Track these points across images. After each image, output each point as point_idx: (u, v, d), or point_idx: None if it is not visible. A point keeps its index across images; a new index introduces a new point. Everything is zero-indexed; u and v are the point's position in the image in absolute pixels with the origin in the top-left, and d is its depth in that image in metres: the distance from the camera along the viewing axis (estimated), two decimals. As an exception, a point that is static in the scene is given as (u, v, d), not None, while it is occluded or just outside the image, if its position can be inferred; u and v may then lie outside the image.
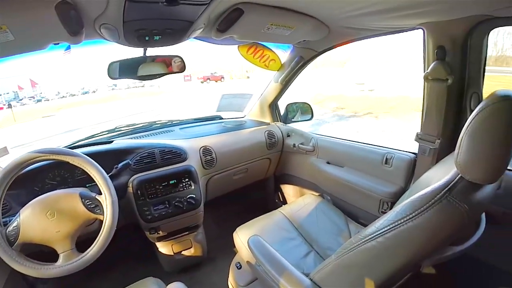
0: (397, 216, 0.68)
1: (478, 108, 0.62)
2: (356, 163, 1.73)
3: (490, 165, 0.63)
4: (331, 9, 1.15)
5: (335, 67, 21.85)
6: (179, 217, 1.58)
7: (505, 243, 1.22)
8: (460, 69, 1.17)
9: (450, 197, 0.64)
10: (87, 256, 1.00)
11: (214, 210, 1.97)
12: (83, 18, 0.97)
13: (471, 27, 1.08)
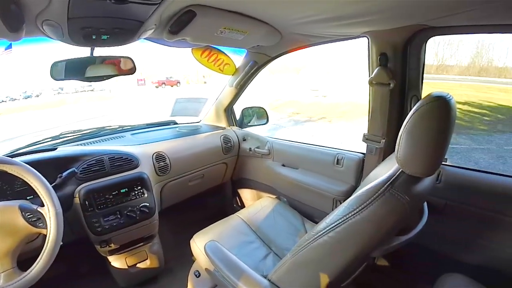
0: (345, 210, 0.74)
1: (415, 108, 0.69)
2: (310, 164, 1.81)
3: (427, 159, 0.70)
4: (282, 16, 1.20)
5: (291, 74, 22.61)
6: (132, 228, 1.50)
7: (448, 231, 1.38)
8: (401, 74, 1.29)
9: (392, 190, 0.70)
10: (30, 274, 0.92)
11: (170, 219, 1.92)
12: (24, 13, 0.91)
13: (410, 36, 1.21)
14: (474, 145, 6.98)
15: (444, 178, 1.34)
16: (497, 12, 0.94)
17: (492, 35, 1.15)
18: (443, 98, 0.67)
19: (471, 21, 1.05)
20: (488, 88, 14.86)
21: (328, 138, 7.23)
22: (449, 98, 0.67)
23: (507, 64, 18.57)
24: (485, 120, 9.49)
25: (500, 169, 5.54)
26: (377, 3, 0.93)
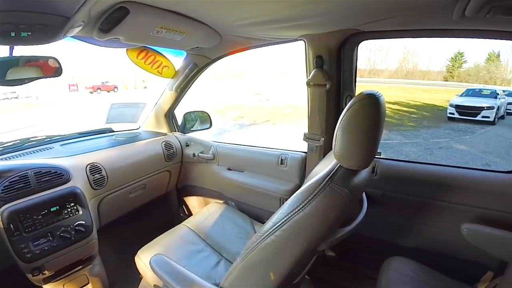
0: (289, 208, 0.76)
1: (348, 105, 0.74)
2: (255, 166, 1.85)
3: (362, 153, 0.75)
4: (221, 17, 1.20)
5: (234, 78, 22.76)
6: (68, 250, 1.34)
7: (387, 219, 1.53)
8: (336, 76, 1.40)
9: (332, 184, 0.74)
10: None
11: (111, 236, 1.78)
12: None
13: (344, 40, 1.32)
14: (404, 140, 7.79)
15: (379, 170, 1.49)
16: (419, 18, 1.07)
17: (417, 41, 1.30)
18: (373, 96, 0.73)
19: (397, 26, 1.19)
20: (414, 89, 16.60)
21: (273, 140, 7.46)
22: (378, 95, 0.74)
23: (430, 68, 21.03)
24: (412, 118, 10.63)
25: (428, 159, 6.35)
26: (312, 8, 0.99)
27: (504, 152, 6.81)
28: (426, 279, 1.20)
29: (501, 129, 8.95)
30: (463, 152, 6.91)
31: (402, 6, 0.94)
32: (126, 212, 1.85)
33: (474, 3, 0.83)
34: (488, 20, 0.93)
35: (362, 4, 0.94)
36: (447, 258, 1.45)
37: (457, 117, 9.57)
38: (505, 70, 19.56)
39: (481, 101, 9.69)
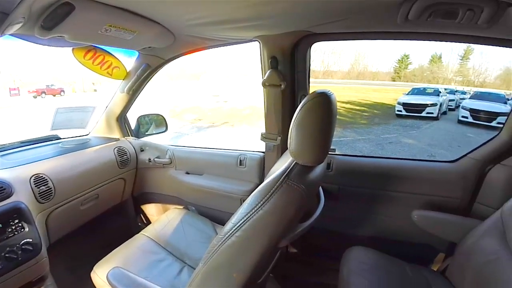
0: (248, 208, 0.76)
1: (302, 104, 0.77)
2: (214, 169, 1.84)
3: (316, 149, 0.78)
4: (174, 16, 1.17)
5: (190, 79, 22.28)
6: (15, 272, 1.18)
7: (345, 211, 1.62)
8: (291, 76, 1.44)
9: (288, 181, 0.75)
10: None
11: (64, 252, 1.63)
12: None
13: (297, 41, 1.36)
14: (357, 136, 8.28)
15: (334, 166, 1.58)
16: (367, 21, 1.14)
17: (368, 44, 1.38)
18: (325, 95, 0.76)
19: (347, 28, 1.25)
20: (365, 89, 17.59)
21: (232, 142, 7.45)
22: (329, 94, 0.78)
23: (379, 69, 22.45)
24: (364, 115, 11.28)
25: (380, 154, 6.83)
26: (266, 10, 1.01)
27: (447, 144, 7.57)
28: (384, 265, 1.29)
29: (444, 124, 9.89)
30: (411, 145, 7.53)
31: (351, 9, 0.99)
32: (78, 226, 1.70)
33: (417, 8, 0.90)
34: (429, 23, 1.01)
35: (314, 6, 0.98)
36: (402, 244, 1.58)
37: (405, 114, 10.38)
38: (446, 70, 21.56)
39: (425, 98, 10.61)
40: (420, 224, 1.40)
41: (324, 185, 1.52)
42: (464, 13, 0.90)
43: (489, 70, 22.00)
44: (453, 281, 1.25)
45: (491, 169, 1.43)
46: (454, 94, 13.12)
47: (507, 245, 1.08)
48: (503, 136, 1.41)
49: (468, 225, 1.28)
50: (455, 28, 1.11)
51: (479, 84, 19.61)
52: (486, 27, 0.98)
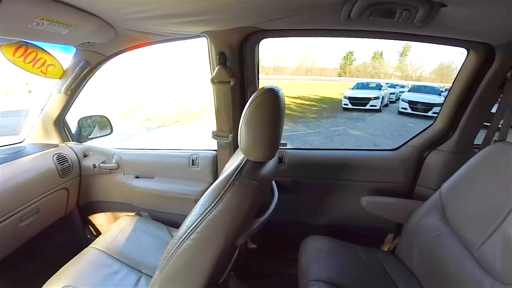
0: (201, 208, 0.75)
1: (250, 100, 0.77)
2: (165, 170, 1.78)
3: (266, 145, 0.79)
4: (113, 9, 1.09)
5: (137, 77, 21.22)
6: None
7: (300, 203, 1.71)
8: (240, 72, 1.43)
9: (240, 178, 0.75)
10: None
11: (6, 276, 1.45)
12: None
13: (245, 37, 1.35)
14: (308, 130, 8.67)
15: (287, 160, 1.64)
16: (313, 19, 1.17)
17: (315, 41, 1.44)
18: (273, 90, 0.78)
19: (294, 25, 1.28)
20: (314, 84, 18.31)
21: (184, 141, 7.28)
22: (277, 90, 0.79)
23: (326, 66, 23.54)
24: (314, 110, 11.78)
25: (329, 145, 7.25)
26: (212, 4, 0.99)
27: (389, 133, 8.30)
28: (340, 251, 1.37)
29: (386, 115, 10.78)
30: (357, 136, 8.09)
31: (297, 7, 1.02)
32: (20, 245, 1.50)
33: (358, 7, 0.95)
34: (370, 22, 1.08)
35: (261, 2, 0.99)
36: (355, 229, 1.71)
37: (351, 107, 11.13)
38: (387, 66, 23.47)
39: (369, 92, 11.46)
40: (369, 209, 1.51)
41: (277, 179, 1.58)
42: (401, 13, 0.97)
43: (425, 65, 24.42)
44: (402, 258, 1.37)
45: (428, 155, 1.60)
46: (394, 87, 14.40)
47: (447, 222, 1.22)
48: (438, 125, 1.58)
49: (411, 206, 1.41)
50: (393, 26, 1.19)
51: (416, 78, 21.78)
52: (421, 26, 1.06)
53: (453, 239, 1.16)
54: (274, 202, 1.07)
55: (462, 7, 0.91)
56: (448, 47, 1.38)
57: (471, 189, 1.17)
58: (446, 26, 1.09)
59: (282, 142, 1.61)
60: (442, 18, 0.99)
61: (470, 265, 1.04)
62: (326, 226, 1.74)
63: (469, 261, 1.06)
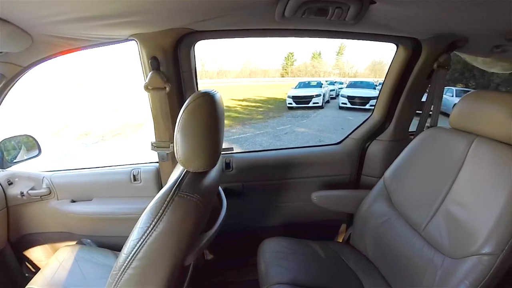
0: (140, 232, 0.68)
1: (183, 107, 0.72)
2: (105, 190, 1.62)
3: (206, 153, 0.75)
4: (26, 12, 0.95)
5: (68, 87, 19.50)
6: None
7: (252, 207, 1.69)
8: (176, 77, 1.35)
9: (180, 192, 0.70)
10: None
11: None
12: None
13: (178, 39, 1.28)
14: (256, 131, 8.84)
15: (235, 165, 1.61)
16: (247, 18, 1.15)
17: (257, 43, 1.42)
18: (208, 94, 0.74)
19: (228, 26, 1.25)
20: (258, 86, 18.61)
21: (128, 154, 6.84)
22: (213, 93, 0.76)
23: (269, 67, 24.26)
24: (260, 111, 11.99)
25: (278, 144, 7.44)
26: (138, 4, 0.91)
27: (333, 128, 8.84)
28: (297, 249, 1.37)
29: (328, 111, 11.44)
30: (303, 133, 8.45)
31: (230, 5, 0.99)
32: None
33: (291, 5, 0.95)
34: (304, 20, 1.09)
35: (191, 2, 0.94)
36: (310, 225, 1.75)
37: (295, 106, 11.56)
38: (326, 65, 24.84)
39: (311, 90, 12.02)
40: (320, 204, 1.53)
41: (227, 185, 1.57)
42: (334, 11, 0.99)
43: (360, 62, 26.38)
44: (357, 246, 1.42)
45: (369, 145, 1.70)
46: (334, 84, 15.29)
47: (393, 207, 1.29)
48: (375, 116, 1.68)
49: (359, 196, 1.47)
50: (327, 24, 1.22)
51: (353, 74, 23.42)
52: (353, 23, 1.10)
53: (401, 222, 1.23)
54: (223, 211, 1.03)
55: (390, 4, 0.96)
56: (380, 43, 1.48)
57: (411, 173, 1.26)
58: (376, 23, 1.14)
59: (229, 146, 1.59)
60: (372, 15, 1.04)
61: (420, 244, 1.11)
62: (282, 226, 1.75)
63: (418, 241, 1.12)
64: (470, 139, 1.08)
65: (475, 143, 1.06)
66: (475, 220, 0.94)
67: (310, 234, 1.50)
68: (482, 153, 1.02)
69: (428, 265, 1.04)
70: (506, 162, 0.93)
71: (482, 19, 1.10)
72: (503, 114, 0.96)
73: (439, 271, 0.99)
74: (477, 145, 1.05)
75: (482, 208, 0.94)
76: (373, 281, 1.23)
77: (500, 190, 0.90)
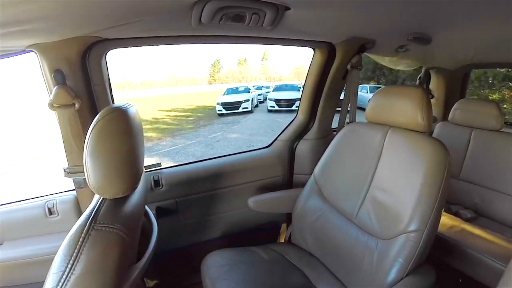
0: (55, 279, 0.56)
1: (91, 126, 0.64)
2: (17, 231, 1.37)
3: (122, 176, 0.67)
4: None
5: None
6: None
7: (189, 221, 1.61)
8: (87, 92, 1.19)
9: (96, 225, 0.61)
10: None
11: None
12: None
13: (86, 49, 1.13)
14: (188, 142, 8.63)
15: (165, 181, 1.50)
16: (162, 25, 1.09)
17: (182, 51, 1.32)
18: (119, 109, 0.67)
19: (142, 33, 1.15)
20: (186, 95, 18.32)
21: (48, 183, 5.85)
22: (126, 107, 0.69)
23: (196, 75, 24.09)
24: (190, 120, 11.79)
25: (211, 153, 7.30)
26: (33, 10, 0.77)
27: (263, 131, 9.09)
28: (241, 259, 1.33)
29: (258, 115, 11.77)
30: (236, 139, 8.55)
31: (142, 10, 0.91)
32: None
33: (208, 11, 0.93)
34: (222, 26, 1.07)
35: (96, 6, 0.83)
36: (251, 231, 1.74)
37: (225, 112, 11.65)
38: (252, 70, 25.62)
39: (239, 96, 12.24)
40: (257, 208, 1.52)
41: (158, 204, 1.48)
42: (251, 17, 1.00)
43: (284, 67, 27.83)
44: (299, 244, 1.45)
45: (297, 145, 1.76)
46: (261, 89, 15.79)
47: (326, 200, 1.36)
48: (300, 117, 1.76)
49: (294, 195, 1.50)
50: (245, 30, 1.23)
51: (278, 78, 24.56)
52: (271, 29, 1.13)
53: (335, 214, 1.30)
54: (154, 233, 0.95)
55: (305, 10, 1.01)
56: (299, 48, 1.56)
57: (337, 167, 1.34)
58: (293, 28, 1.19)
59: (157, 162, 1.51)
60: (289, 20, 1.07)
61: (354, 232, 1.19)
62: (223, 237, 1.71)
63: (352, 229, 1.20)
64: (385, 130, 1.20)
65: (389, 133, 1.18)
66: (398, 202, 1.05)
67: (252, 240, 1.49)
68: (397, 142, 1.15)
69: (365, 250, 1.11)
70: (418, 147, 1.06)
71: (386, 23, 1.25)
72: (411, 105, 1.09)
73: (375, 253, 1.07)
74: (391, 135, 1.17)
75: (403, 191, 1.05)
76: (318, 274, 1.27)
77: (416, 172, 1.02)
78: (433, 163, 1.00)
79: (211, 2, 0.90)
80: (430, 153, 1.02)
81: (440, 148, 1.02)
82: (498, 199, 1.71)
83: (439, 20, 1.25)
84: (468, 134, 1.87)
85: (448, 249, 1.39)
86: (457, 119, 1.93)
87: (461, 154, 1.88)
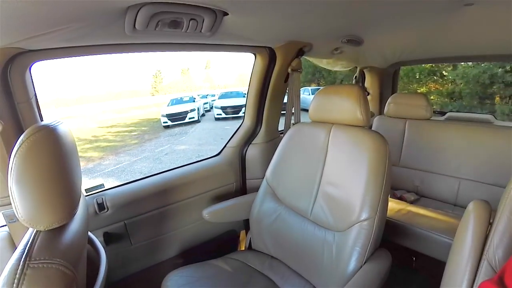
0: None
1: (14, 149, 0.57)
2: None
3: (56, 203, 0.60)
4: None
5: None
6: None
7: (142, 244, 1.48)
8: (9, 111, 1.06)
9: (32, 263, 0.53)
10: None
11: None
12: None
13: (7, 62, 0.99)
14: (133, 158, 8.14)
15: (110, 203, 1.35)
16: (91, 32, 0.98)
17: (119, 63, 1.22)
18: (46, 127, 0.60)
19: (68, 42, 1.04)
20: (128, 108, 17.50)
21: None
22: (53, 126, 0.62)
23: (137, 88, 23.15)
24: (134, 135, 11.22)
25: (159, 167, 6.92)
26: None
27: (212, 139, 8.95)
28: (203, 274, 1.28)
29: (205, 124, 11.62)
30: (185, 151, 8.28)
31: (66, 18, 0.82)
32: None
33: (142, 17, 0.87)
34: (158, 33, 1.02)
35: (14, 12, 0.72)
36: (210, 243, 1.69)
37: (171, 124, 11.33)
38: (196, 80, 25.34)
39: (185, 106, 11.99)
40: (213, 219, 1.47)
41: (105, 229, 1.34)
42: (188, 23, 0.96)
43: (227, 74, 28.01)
44: (259, 248, 1.44)
45: (247, 150, 1.77)
46: (206, 97, 15.66)
47: (280, 202, 1.37)
48: (247, 123, 1.77)
49: (249, 200, 1.50)
50: (183, 37, 1.18)
51: (223, 86, 24.57)
52: (210, 35, 1.10)
53: (290, 214, 1.32)
54: (103, 262, 0.86)
55: (242, 15, 1.01)
56: (242, 55, 1.56)
57: (288, 168, 1.37)
58: (232, 34, 1.19)
59: (97, 185, 1.38)
60: (227, 26, 1.07)
61: (311, 228, 1.22)
62: (181, 254, 1.62)
63: (309, 226, 1.23)
64: (328, 127, 1.26)
65: (333, 130, 1.24)
66: (348, 194, 1.10)
67: (212, 253, 1.44)
68: (340, 137, 1.21)
69: (323, 244, 1.15)
70: (360, 141, 1.13)
71: (322, 27, 1.31)
72: (349, 102, 1.16)
73: (334, 246, 1.11)
74: (335, 132, 1.23)
75: (351, 183, 1.11)
76: (282, 276, 1.28)
77: (361, 164, 1.08)
78: (375, 154, 1.07)
79: (145, 7, 0.84)
80: (371, 145, 1.09)
81: (380, 139, 1.09)
82: (435, 180, 1.90)
83: (369, 23, 1.35)
84: (403, 125, 2.05)
85: (399, 231, 1.48)
86: (391, 112, 2.10)
87: (398, 143, 2.05)
